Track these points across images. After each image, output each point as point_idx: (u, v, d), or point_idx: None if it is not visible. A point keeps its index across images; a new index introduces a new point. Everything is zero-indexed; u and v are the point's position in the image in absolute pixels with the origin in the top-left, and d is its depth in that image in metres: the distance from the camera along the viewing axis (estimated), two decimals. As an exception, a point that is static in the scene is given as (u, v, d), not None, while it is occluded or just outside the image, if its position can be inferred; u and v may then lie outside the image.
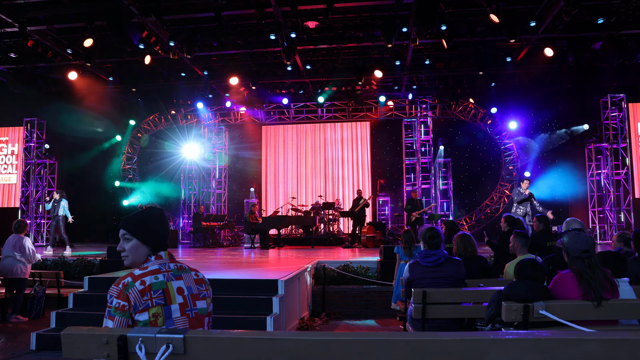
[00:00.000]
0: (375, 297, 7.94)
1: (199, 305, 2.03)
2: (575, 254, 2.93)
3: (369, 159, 16.86)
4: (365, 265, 8.55)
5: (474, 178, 16.04)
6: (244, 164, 17.47)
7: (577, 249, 2.93)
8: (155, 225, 2.07)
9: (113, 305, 1.88)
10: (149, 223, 2.06)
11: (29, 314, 7.41)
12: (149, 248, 2.06)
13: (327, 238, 14.15)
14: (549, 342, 1.52)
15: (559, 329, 2.78)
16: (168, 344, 1.63)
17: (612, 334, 1.56)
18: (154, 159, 17.51)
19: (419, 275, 4.16)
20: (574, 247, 2.94)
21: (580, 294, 2.91)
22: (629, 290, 3.18)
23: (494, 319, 3.27)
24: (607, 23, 11.00)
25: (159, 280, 1.95)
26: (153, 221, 2.07)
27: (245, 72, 13.62)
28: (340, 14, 11.04)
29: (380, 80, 14.52)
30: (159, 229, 2.07)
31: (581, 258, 2.92)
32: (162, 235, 2.08)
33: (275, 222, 12.93)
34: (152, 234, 2.06)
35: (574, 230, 3.10)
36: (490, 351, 1.54)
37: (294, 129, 17.38)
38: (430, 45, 12.74)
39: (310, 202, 16.01)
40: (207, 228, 14.09)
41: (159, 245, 2.07)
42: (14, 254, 7.25)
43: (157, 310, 1.89)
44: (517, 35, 10.33)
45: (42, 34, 11.53)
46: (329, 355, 1.57)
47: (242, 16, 11.25)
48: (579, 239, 2.98)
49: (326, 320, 7.40)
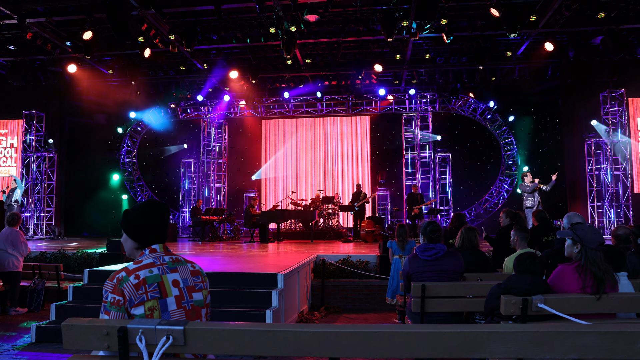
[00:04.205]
0: (375, 291, 7.96)
1: (195, 297, 2.03)
2: (592, 246, 2.95)
3: (368, 153, 16.85)
4: (365, 259, 8.57)
5: (474, 173, 16.05)
6: (244, 157, 17.46)
7: (595, 240, 2.96)
8: (140, 221, 2.07)
9: (108, 300, 1.89)
10: (132, 218, 2.08)
11: (29, 307, 7.43)
12: (136, 242, 2.08)
13: (327, 232, 14.17)
14: (546, 334, 1.53)
15: (557, 322, 2.79)
16: (168, 336, 1.64)
17: (609, 327, 1.57)
18: (153, 152, 17.50)
19: (418, 269, 4.17)
20: (592, 239, 2.96)
21: (579, 287, 2.93)
22: (627, 284, 3.20)
23: (493, 313, 3.28)
24: (607, 17, 10.96)
25: (154, 274, 1.96)
26: (136, 215, 2.08)
27: (245, 65, 13.58)
28: (341, 7, 10.99)
29: (380, 74, 14.48)
30: (145, 224, 2.07)
31: (597, 250, 2.94)
32: (150, 230, 2.07)
33: (275, 216, 12.94)
34: (137, 229, 2.07)
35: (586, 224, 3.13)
36: (488, 343, 1.55)
37: (293, 123, 17.36)
38: (430, 39, 12.69)
39: (310, 196, 16.02)
40: (206, 222, 14.10)
41: (149, 239, 2.07)
42: (5, 247, 7.24)
43: (153, 304, 1.90)
44: (517, 29, 10.29)
45: (41, 26, 11.48)
46: (327, 346, 1.58)
47: (242, 9, 11.21)
48: (596, 231, 3.02)
49: (325, 314, 7.42)
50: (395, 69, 14.32)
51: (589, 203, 13.75)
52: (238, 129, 17.58)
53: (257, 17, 11.18)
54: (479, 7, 10.82)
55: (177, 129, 17.44)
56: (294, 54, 11.96)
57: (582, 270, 2.94)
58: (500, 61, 13.58)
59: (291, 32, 11.08)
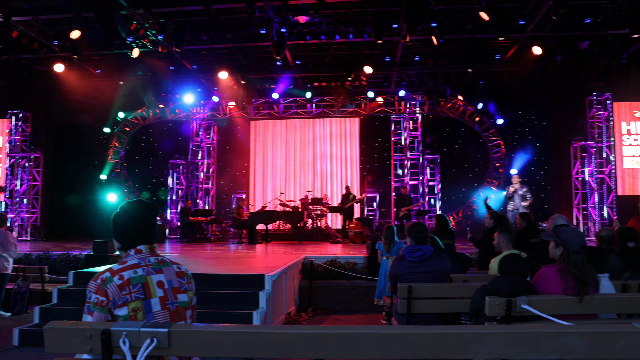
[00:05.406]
0: (362, 292, 7.98)
1: (180, 299, 2.03)
2: (574, 248, 2.99)
3: (357, 154, 16.88)
4: (352, 260, 8.59)
5: (462, 174, 16.15)
6: (232, 158, 17.40)
7: (577, 243, 2.99)
8: (122, 221, 2.08)
9: (92, 300, 1.89)
10: (114, 220, 2.10)
11: (12, 310, 7.30)
12: (118, 243, 2.10)
13: (315, 233, 14.17)
14: (529, 335, 1.54)
15: (541, 323, 2.82)
16: (152, 338, 1.63)
17: (590, 327, 1.59)
18: (141, 152, 17.36)
19: (405, 270, 4.19)
20: (574, 242, 3.00)
21: (562, 289, 2.96)
22: (609, 285, 3.24)
23: (478, 314, 3.31)
24: (594, 23, 11.12)
25: (138, 275, 1.95)
26: (119, 216, 2.10)
27: (234, 66, 13.54)
28: (331, 9, 11.01)
29: (369, 76, 14.52)
30: (127, 225, 2.08)
31: (579, 252, 2.98)
32: (132, 231, 2.07)
33: (263, 217, 12.90)
34: (119, 230, 2.09)
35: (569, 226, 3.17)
36: (472, 344, 1.56)
37: (282, 124, 17.33)
38: (420, 42, 12.76)
39: (299, 198, 16.00)
40: (194, 223, 14.03)
41: (130, 240, 2.07)
42: (-5, 248, 7.12)
43: (137, 305, 1.90)
44: (506, 33, 10.40)
45: (27, 25, 11.33)
46: (312, 348, 1.58)
47: (232, 10, 11.18)
48: (579, 233, 3.07)
49: (313, 315, 7.43)
50: (385, 71, 14.37)
51: (575, 205, 13.91)
52: (227, 129, 17.50)
53: (247, 17, 11.16)
54: (468, 10, 10.91)
55: (165, 130, 17.32)
56: (283, 55, 11.95)
57: (564, 272, 2.97)
58: (489, 64, 13.68)
59: (281, 33, 11.08)
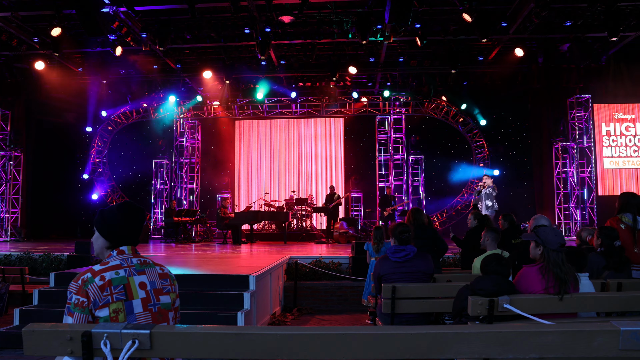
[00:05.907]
0: (347, 292, 8.00)
1: (163, 300, 2.01)
2: (554, 247, 3.03)
3: (342, 154, 16.92)
4: (337, 260, 8.61)
5: (446, 175, 16.28)
6: (217, 158, 17.30)
7: (556, 242, 3.04)
8: (115, 220, 2.06)
9: (72, 301, 1.86)
10: (108, 217, 2.07)
11: (-9, 311, 7.18)
12: (108, 241, 2.06)
13: (300, 234, 14.17)
14: (509, 335, 1.56)
15: (522, 322, 2.86)
16: (134, 340, 1.61)
17: (569, 326, 1.62)
18: (124, 152, 17.15)
19: (389, 270, 4.22)
20: (554, 241, 3.04)
21: (543, 288, 3.01)
22: (588, 284, 3.30)
23: (461, 313, 3.34)
24: (574, 25, 11.33)
25: (120, 276, 1.94)
26: (113, 215, 2.07)
27: (219, 65, 13.46)
28: (316, 9, 11.02)
29: (354, 77, 14.56)
30: (120, 224, 2.06)
31: (558, 251, 3.02)
32: (123, 230, 2.06)
33: (248, 217, 12.86)
34: (111, 228, 2.06)
35: (549, 226, 3.22)
36: (454, 344, 1.58)
37: (267, 124, 17.29)
38: (404, 42, 12.84)
39: (284, 198, 15.98)
40: (179, 223, 13.92)
41: (120, 240, 2.05)
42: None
43: (118, 306, 1.88)
44: (489, 34, 10.53)
45: (6, 21, 11.10)
46: (295, 349, 1.58)
47: (216, 9, 11.11)
48: (558, 233, 3.11)
49: (298, 316, 7.42)
50: (370, 71, 14.43)
51: (557, 205, 14.14)
52: (211, 129, 17.40)
53: (232, 17, 11.10)
54: (452, 12, 11.02)
55: (149, 129, 17.14)
56: (268, 55, 11.92)
57: (545, 271, 3.02)
58: (472, 65, 13.84)
59: (266, 32, 11.05)
